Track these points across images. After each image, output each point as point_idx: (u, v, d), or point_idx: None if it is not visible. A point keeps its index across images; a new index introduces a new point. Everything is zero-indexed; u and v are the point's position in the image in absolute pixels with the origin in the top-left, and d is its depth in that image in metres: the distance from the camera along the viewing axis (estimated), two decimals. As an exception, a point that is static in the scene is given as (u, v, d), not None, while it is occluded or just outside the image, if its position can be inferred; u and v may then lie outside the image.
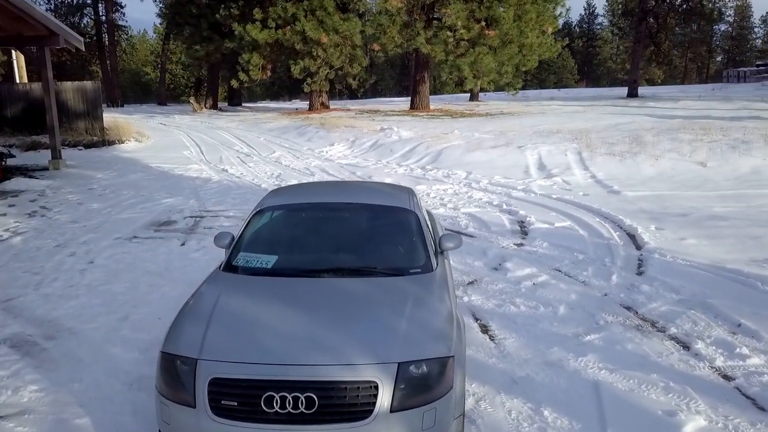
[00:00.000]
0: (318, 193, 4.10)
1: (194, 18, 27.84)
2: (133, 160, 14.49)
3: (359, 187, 4.33)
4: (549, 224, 7.48)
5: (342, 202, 3.78)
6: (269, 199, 3.96)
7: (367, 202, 3.74)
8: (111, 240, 7.11)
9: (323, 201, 3.82)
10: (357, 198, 3.86)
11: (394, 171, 12.29)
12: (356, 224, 3.64)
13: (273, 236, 3.67)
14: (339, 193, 4.06)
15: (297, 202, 3.86)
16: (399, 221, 3.59)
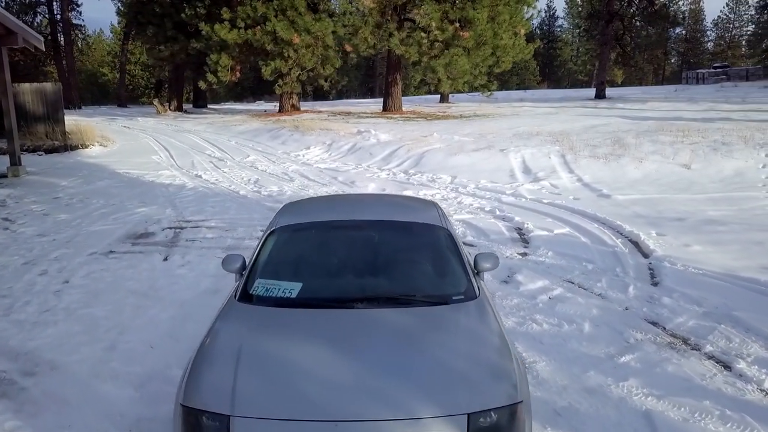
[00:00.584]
0: (337, 208, 3.70)
1: (158, 17, 26.93)
2: (99, 165, 13.76)
3: (380, 202, 3.96)
4: (548, 231, 7.27)
5: (367, 219, 3.39)
6: (285, 217, 3.54)
7: (394, 219, 3.38)
8: (86, 256, 6.56)
9: (346, 218, 3.42)
10: (382, 214, 3.49)
11: (376, 175, 11.96)
12: (385, 244, 3.28)
13: (293, 259, 3.27)
14: (360, 208, 3.67)
15: (317, 220, 3.44)
16: (431, 240, 3.25)
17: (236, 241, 7.13)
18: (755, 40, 59.14)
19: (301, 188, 10.78)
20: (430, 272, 3.13)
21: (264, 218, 8.36)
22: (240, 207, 9.20)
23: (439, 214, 3.50)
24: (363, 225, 3.33)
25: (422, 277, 3.10)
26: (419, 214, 3.48)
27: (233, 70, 23.01)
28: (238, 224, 8.03)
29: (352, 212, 3.50)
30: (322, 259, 3.24)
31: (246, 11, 20.96)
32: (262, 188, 10.81)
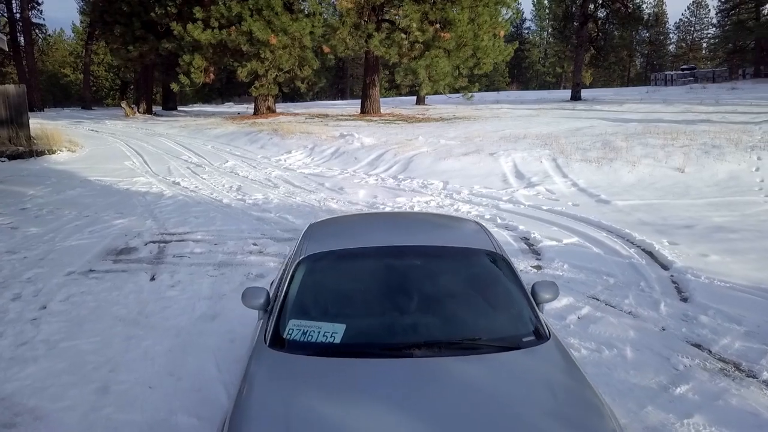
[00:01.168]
0: (372, 231, 3.24)
1: (125, 16, 25.94)
2: (69, 172, 12.99)
3: (418, 222, 3.49)
4: (557, 241, 6.96)
5: (410, 245, 2.95)
6: (313, 242, 3.08)
7: (441, 244, 2.95)
8: (63, 276, 5.97)
9: (386, 244, 2.97)
10: (425, 238, 3.06)
11: (364, 181, 11.54)
12: (434, 275, 2.86)
13: (329, 295, 2.82)
14: (397, 231, 3.21)
15: (353, 247, 2.99)
16: (486, 269, 2.86)
17: (228, 257, 6.63)
18: (720, 42, 60.56)
19: (287, 195, 10.29)
20: (491, 308, 2.73)
21: (253, 229, 7.88)
22: (225, 217, 8.67)
23: (489, 237, 3.10)
24: (406, 252, 2.88)
25: (483, 314, 2.69)
26: (467, 238, 3.07)
27: (207, 72, 22.26)
28: (226, 237, 7.52)
29: (390, 236, 3.05)
30: (363, 294, 2.79)
31: (220, 10, 20.27)
32: (246, 196, 10.28)
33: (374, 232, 3.14)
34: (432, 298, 2.74)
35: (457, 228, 3.33)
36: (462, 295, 2.78)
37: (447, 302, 2.72)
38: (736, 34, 42.15)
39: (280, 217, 8.62)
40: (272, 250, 6.85)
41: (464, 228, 3.30)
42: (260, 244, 7.10)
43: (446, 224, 3.45)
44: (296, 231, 7.76)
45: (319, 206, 9.36)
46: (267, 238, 7.40)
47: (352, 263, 2.91)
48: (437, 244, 2.95)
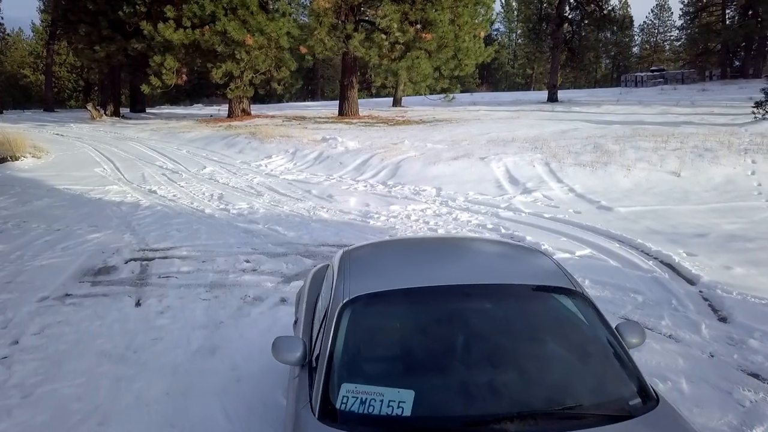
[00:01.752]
0: (422, 263, 2.71)
1: (91, 15, 24.83)
2: (35, 181, 12.16)
3: (471, 251, 2.92)
4: (570, 253, 6.60)
5: (476, 284, 2.46)
6: (356, 279, 2.55)
7: (512, 282, 2.49)
8: (35, 302, 5.34)
9: (447, 282, 2.46)
10: (490, 273, 2.59)
11: (353, 188, 11.05)
12: (509, 321, 2.40)
13: (386, 349, 2.32)
14: (452, 262, 2.67)
15: (409, 287, 2.45)
16: (568, 312, 2.41)
17: (219, 276, 6.07)
18: (686, 44, 61.82)
19: (274, 204, 9.73)
20: (584, 363, 2.27)
21: (241, 243, 7.33)
22: (210, 230, 8.08)
23: (561, 269, 2.66)
24: (474, 292, 2.40)
25: (577, 372, 2.22)
26: (537, 271, 2.61)
27: (179, 73, 21.41)
28: (214, 252, 6.95)
29: (448, 270, 2.55)
30: (429, 348, 2.30)
31: (192, 9, 19.46)
32: (229, 205, 9.69)
33: (427, 265, 2.64)
34: (512, 351, 2.27)
35: (521, 258, 2.85)
36: (547, 347, 2.33)
37: (531, 357, 2.26)
38: (704, 37, 42.95)
39: (270, 229, 8.07)
40: (267, 267, 6.32)
41: (529, 258, 2.83)
42: (253, 261, 6.56)
43: (505, 253, 2.98)
44: (289, 245, 7.25)
45: (310, 216, 8.84)
46: (259, 254, 6.85)
47: (412, 307, 2.41)
48: (508, 281, 2.47)
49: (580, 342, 2.35)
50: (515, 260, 2.80)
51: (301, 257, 6.69)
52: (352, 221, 8.52)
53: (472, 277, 2.51)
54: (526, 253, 2.89)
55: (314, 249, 7.06)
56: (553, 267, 2.67)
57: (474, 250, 2.95)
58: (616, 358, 2.20)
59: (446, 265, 2.63)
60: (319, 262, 6.69)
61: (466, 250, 2.95)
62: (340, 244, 7.21)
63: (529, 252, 2.91)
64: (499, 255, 2.88)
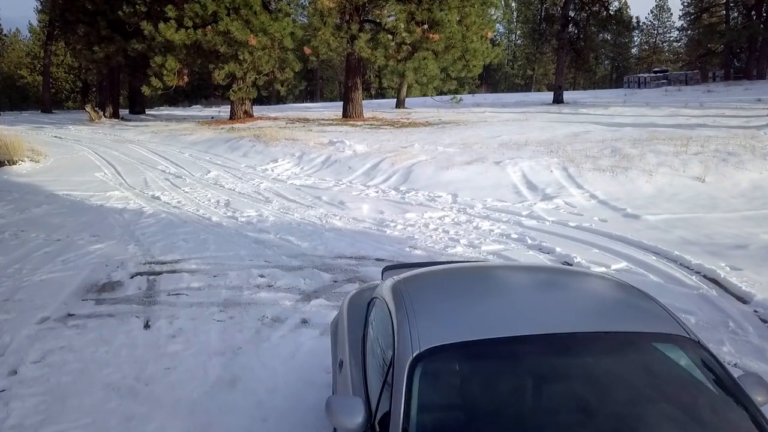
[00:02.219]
0: (497, 298, 2.35)
1: (90, 15, 24.37)
2: (33, 186, 11.73)
3: (551, 281, 2.55)
4: (605, 267, 6.20)
5: (574, 332, 2.02)
6: (426, 323, 2.10)
7: (619, 329, 2.05)
8: (35, 324, 4.92)
9: (536, 331, 2.02)
10: (585, 317, 2.16)
11: (364, 194, 10.64)
12: (619, 379, 1.98)
13: (471, 415, 1.91)
14: (533, 298, 2.35)
15: (493, 336, 2.01)
16: (687, 367, 2.00)
17: (232, 293, 5.65)
18: (689, 45, 61.56)
19: (283, 212, 9.32)
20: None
21: (253, 255, 6.92)
22: (219, 240, 7.66)
23: (666, 311, 2.25)
24: (573, 343, 1.99)
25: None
26: (641, 314, 2.18)
27: (180, 74, 20.97)
28: (225, 266, 6.53)
29: (531, 310, 2.12)
30: (526, 414, 1.89)
31: (194, 9, 19.02)
32: (236, 213, 9.27)
33: (507, 304, 2.21)
34: (626, 417, 1.86)
35: (616, 296, 2.39)
36: (666, 411, 1.91)
37: (648, 424, 1.84)
38: (707, 38, 42.68)
39: (282, 239, 7.65)
40: (283, 283, 5.91)
41: (625, 296, 2.37)
42: (267, 276, 6.14)
43: (596, 289, 2.50)
44: (304, 257, 6.84)
45: (322, 224, 8.42)
46: (273, 267, 6.44)
47: (504, 363, 1.96)
48: (615, 327, 2.04)
49: (705, 405, 1.93)
50: (610, 299, 2.37)
51: (319, 271, 6.28)
52: (367, 230, 8.11)
53: (568, 322, 2.08)
54: (619, 289, 2.45)
55: (331, 262, 6.64)
56: (656, 308, 2.25)
57: (557, 285, 2.52)
58: (748, 424, 1.79)
59: (531, 304, 2.21)
60: (338, 276, 6.31)
61: (547, 285, 2.53)
62: (358, 256, 6.81)
63: (620, 287, 2.47)
64: (588, 292, 2.45)
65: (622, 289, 2.44)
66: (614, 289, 2.45)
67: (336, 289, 5.73)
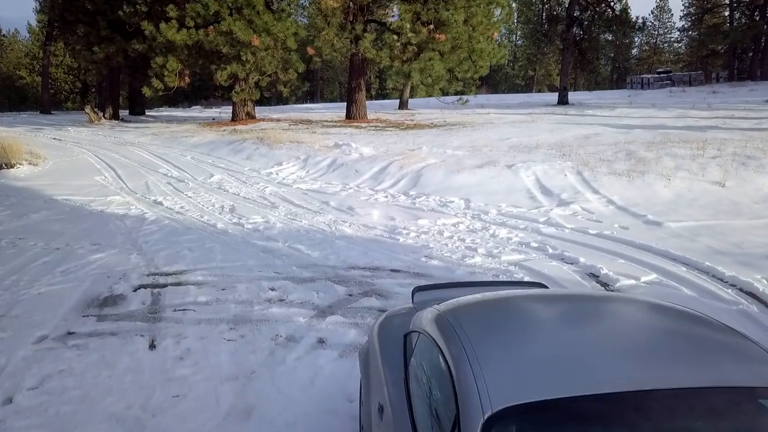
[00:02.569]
0: (572, 338, 1.99)
1: (89, 15, 24.05)
2: (31, 191, 11.40)
3: (627, 314, 2.24)
4: (634, 279, 5.88)
5: (679, 387, 1.68)
6: (494, 372, 1.78)
7: (726, 384, 1.72)
8: (32, 344, 4.60)
9: (635, 387, 1.67)
10: (685, 367, 1.79)
11: (373, 198, 10.31)
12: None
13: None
14: (615, 336, 2.00)
15: (578, 395, 1.65)
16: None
17: (242, 308, 5.32)
18: (692, 46, 61.31)
19: (291, 218, 9.00)
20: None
21: (262, 265, 6.59)
22: (225, 248, 7.34)
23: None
24: (678, 401, 1.65)
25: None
26: (744, 360, 1.86)
27: (181, 75, 20.64)
28: (233, 277, 6.21)
29: (611, 354, 1.79)
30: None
31: (196, 9, 18.69)
32: (242, 219, 8.95)
33: (584, 347, 1.86)
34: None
35: (704, 334, 2.03)
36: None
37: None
38: (711, 38, 42.39)
39: (291, 247, 7.33)
40: (295, 297, 5.58)
41: (712, 332, 2.02)
42: (278, 289, 5.82)
43: (676, 325, 2.13)
44: (316, 267, 6.52)
45: (332, 232, 8.10)
46: (284, 279, 6.12)
47: (595, 427, 1.65)
48: (722, 381, 1.72)
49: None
50: (701, 338, 2.02)
51: (332, 283, 5.96)
52: (379, 238, 7.79)
53: (665, 373, 1.74)
54: (703, 325, 2.09)
55: (344, 273, 6.32)
56: (758, 351, 1.92)
57: (632, 320, 2.18)
58: None
59: (613, 346, 1.88)
60: (353, 289, 5.98)
61: (621, 320, 2.18)
62: (372, 267, 6.49)
63: (701, 322, 2.10)
64: (670, 330, 2.08)
65: (706, 325, 2.10)
66: (698, 325, 2.11)
67: (352, 303, 5.41)
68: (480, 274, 6.14)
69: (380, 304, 5.34)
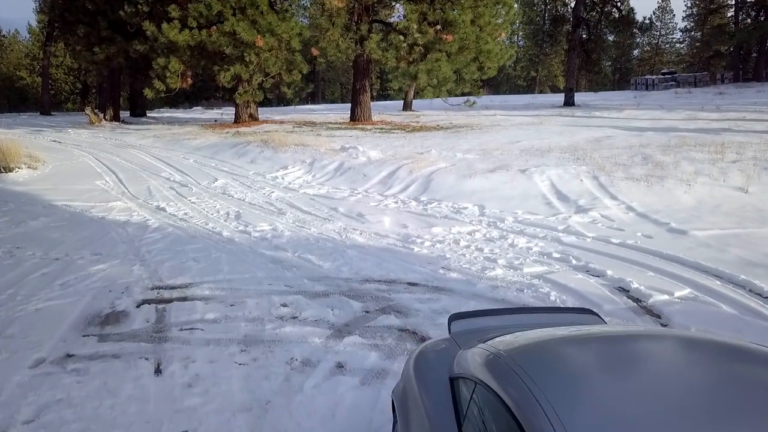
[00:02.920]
0: (662, 390, 1.63)
1: (90, 15, 23.73)
2: (30, 196, 11.07)
3: (712, 361, 1.88)
4: (667, 294, 5.54)
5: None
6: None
7: None
8: (28, 368, 4.26)
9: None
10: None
11: (383, 204, 9.98)
12: None
13: None
14: (712, 394, 1.64)
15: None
16: None
17: (253, 327, 4.99)
18: (694, 47, 61.02)
19: (299, 225, 8.67)
20: None
21: (271, 277, 6.27)
22: (233, 259, 7.01)
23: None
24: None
25: None
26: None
27: (184, 76, 20.31)
28: (242, 291, 5.88)
29: (702, 409, 1.47)
30: None
31: (198, 9, 18.36)
32: (249, 226, 8.62)
33: (669, 401, 1.52)
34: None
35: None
36: None
37: None
38: (716, 39, 42.05)
39: (301, 258, 7.00)
40: (309, 314, 5.25)
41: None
42: (290, 304, 5.48)
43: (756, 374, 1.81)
44: (328, 280, 6.19)
45: (342, 240, 7.77)
46: (295, 293, 5.78)
47: None
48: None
49: None
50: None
51: (346, 298, 5.63)
52: (392, 247, 7.46)
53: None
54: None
55: (358, 287, 5.99)
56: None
57: (726, 370, 1.83)
58: None
59: (707, 403, 1.54)
60: (369, 305, 5.63)
61: (711, 370, 1.83)
62: (388, 280, 6.16)
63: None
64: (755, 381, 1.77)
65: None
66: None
67: (369, 322, 5.07)
68: (503, 288, 5.80)
69: (400, 323, 5.01)
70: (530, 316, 3.05)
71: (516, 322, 2.79)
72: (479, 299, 5.57)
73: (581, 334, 2.25)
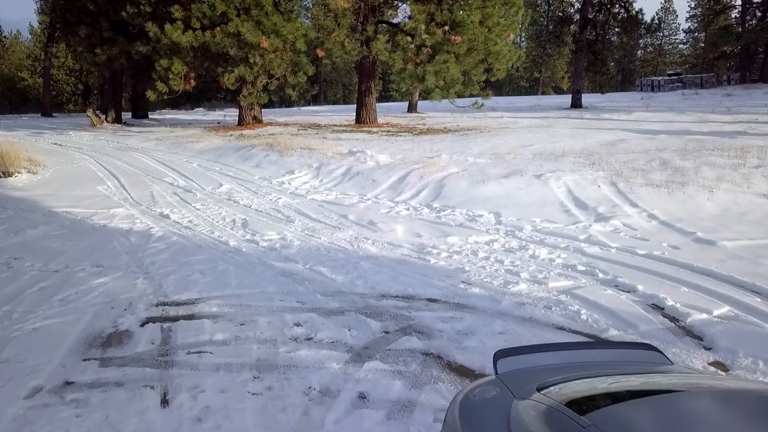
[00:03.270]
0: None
1: (91, 16, 23.43)
2: (30, 202, 10.75)
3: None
4: (706, 313, 5.19)
5: None
6: None
7: None
8: (23, 399, 3.93)
9: None
10: None
11: (394, 211, 9.65)
12: None
13: None
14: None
15: None
16: None
17: (265, 350, 4.65)
18: (700, 48, 60.65)
19: (308, 234, 8.33)
20: None
21: (283, 292, 5.93)
22: (241, 271, 6.68)
23: None
24: None
25: None
26: None
27: (187, 78, 19.99)
28: (252, 308, 5.54)
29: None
30: None
31: (202, 9, 18.04)
32: (256, 235, 8.29)
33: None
34: None
35: None
36: None
37: None
38: (723, 40, 41.70)
39: (312, 270, 6.67)
40: (325, 335, 4.91)
41: None
42: (304, 324, 5.14)
43: None
44: (342, 295, 5.85)
45: (354, 251, 7.44)
46: (309, 311, 5.45)
47: None
48: None
49: None
50: None
51: (364, 317, 5.29)
52: (407, 258, 7.12)
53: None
54: None
55: (375, 303, 5.65)
56: None
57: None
58: None
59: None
60: (388, 324, 5.27)
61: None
62: (406, 296, 5.82)
63: None
64: None
65: None
66: None
67: (390, 344, 4.73)
68: (530, 306, 5.46)
69: (423, 346, 4.67)
70: (585, 352, 2.70)
71: (571, 360, 2.46)
72: (505, 318, 5.23)
73: (661, 384, 1.90)
